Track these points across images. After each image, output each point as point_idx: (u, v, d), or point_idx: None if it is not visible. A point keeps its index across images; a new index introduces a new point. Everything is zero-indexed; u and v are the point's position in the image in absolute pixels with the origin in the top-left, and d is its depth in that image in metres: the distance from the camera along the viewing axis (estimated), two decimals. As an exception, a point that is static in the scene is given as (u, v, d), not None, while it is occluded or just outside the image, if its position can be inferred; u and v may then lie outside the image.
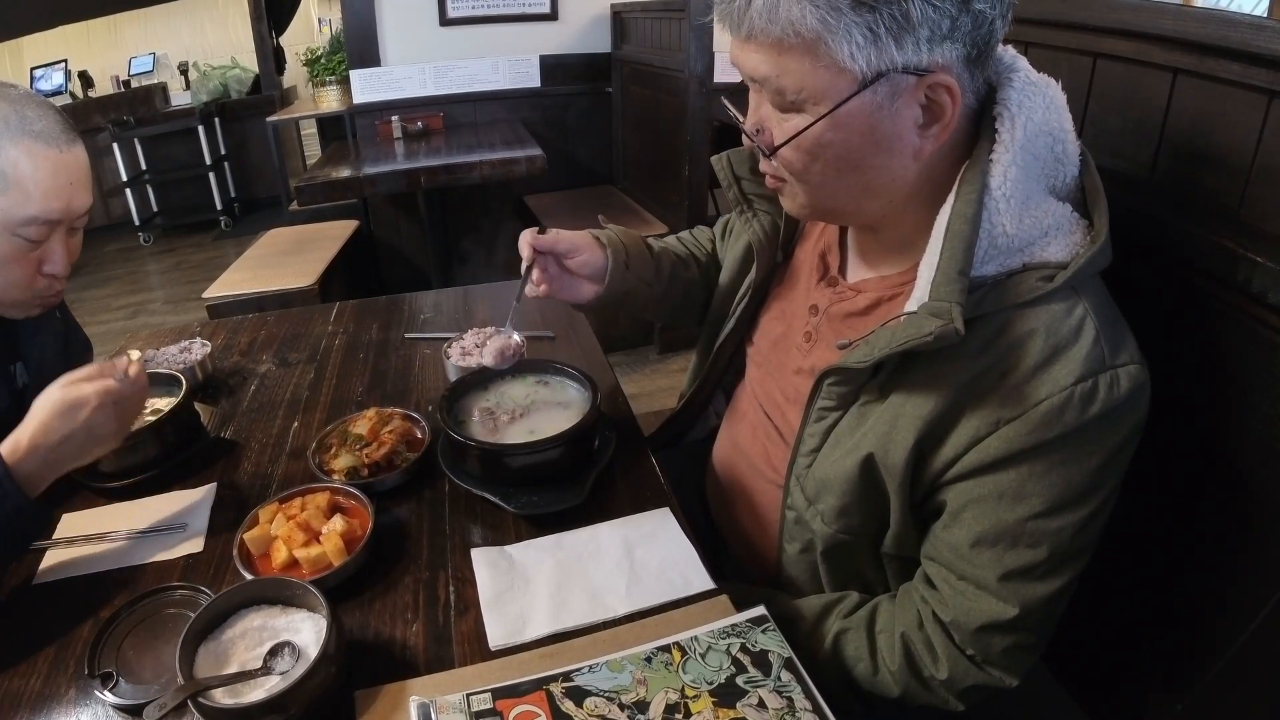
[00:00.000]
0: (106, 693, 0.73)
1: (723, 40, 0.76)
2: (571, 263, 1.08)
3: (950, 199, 0.75)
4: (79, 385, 0.84)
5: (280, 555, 0.85)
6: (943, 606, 0.80)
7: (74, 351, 1.35)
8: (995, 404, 0.72)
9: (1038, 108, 0.73)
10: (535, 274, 1.05)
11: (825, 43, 0.66)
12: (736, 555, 1.07)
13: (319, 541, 0.86)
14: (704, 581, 0.84)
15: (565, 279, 1.09)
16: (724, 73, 2.75)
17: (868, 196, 0.79)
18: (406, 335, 1.44)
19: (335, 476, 0.98)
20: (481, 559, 0.88)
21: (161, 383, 1.15)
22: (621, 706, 0.68)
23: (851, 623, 0.85)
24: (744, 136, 0.82)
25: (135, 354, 1.13)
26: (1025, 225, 0.73)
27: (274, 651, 0.71)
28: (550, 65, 3.55)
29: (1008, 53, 0.77)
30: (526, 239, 1.05)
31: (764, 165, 0.82)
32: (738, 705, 0.68)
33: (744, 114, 0.80)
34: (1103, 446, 0.72)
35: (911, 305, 0.74)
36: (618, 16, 3.50)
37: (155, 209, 5.68)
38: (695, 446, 1.25)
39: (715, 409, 1.27)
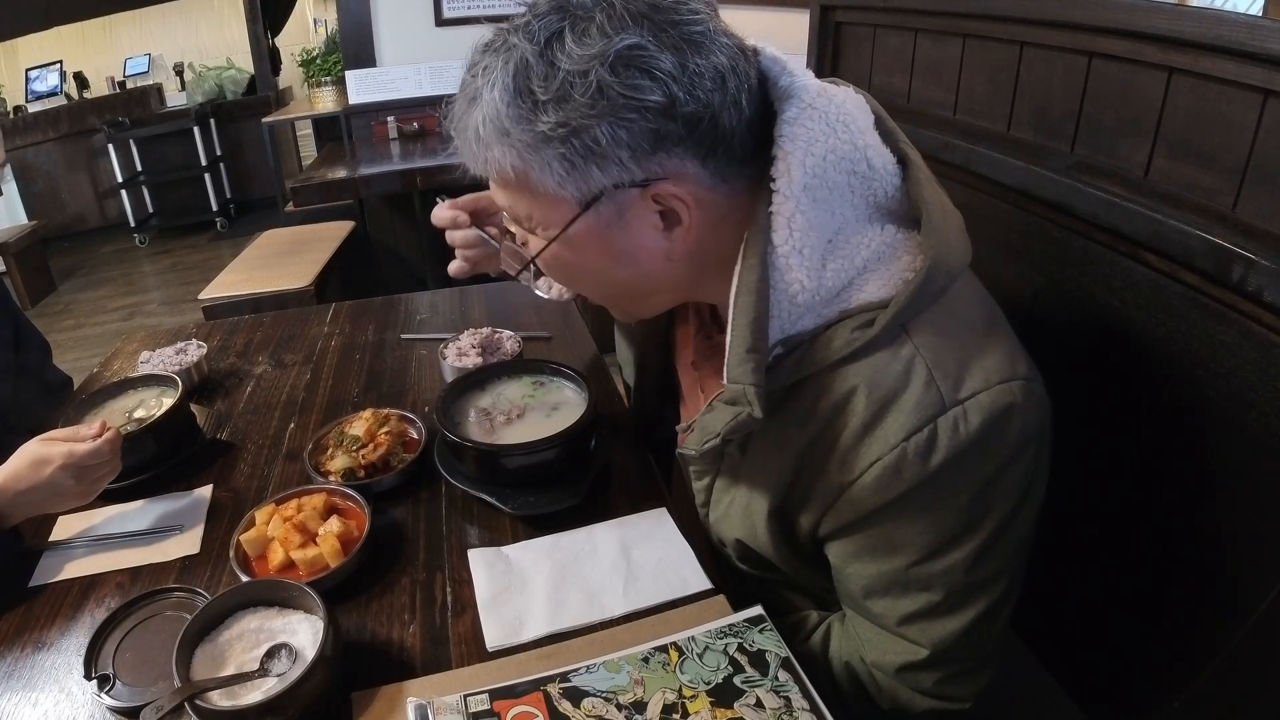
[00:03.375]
0: (104, 695, 0.73)
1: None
2: (497, 219, 1.01)
3: (737, 268, 0.69)
4: (51, 443, 0.89)
5: (277, 557, 0.85)
6: (864, 648, 0.80)
7: (26, 349, 1.34)
8: (834, 470, 0.70)
9: (818, 135, 0.67)
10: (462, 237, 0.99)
11: (531, 177, 0.66)
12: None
13: (315, 543, 0.86)
14: (701, 581, 0.84)
15: (487, 250, 1.02)
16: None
17: (642, 295, 0.78)
18: (403, 336, 1.43)
19: (331, 478, 0.98)
20: (478, 560, 0.88)
21: (157, 384, 1.15)
22: (619, 707, 0.68)
23: (808, 648, 0.85)
24: (503, 257, 0.82)
25: (113, 420, 1.08)
26: (833, 270, 0.68)
27: (271, 653, 0.71)
28: (546, 65, 3.54)
29: (785, 73, 0.69)
30: (444, 208, 0.99)
31: (523, 279, 0.81)
32: (735, 705, 0.68)
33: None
34: (967, 485, 0.67)
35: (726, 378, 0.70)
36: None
37: (151, 210, 5.67)
38: (666, 445, 1.22)
39: (664, 414, 1.21)
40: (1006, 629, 0.79)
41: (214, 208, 5.63)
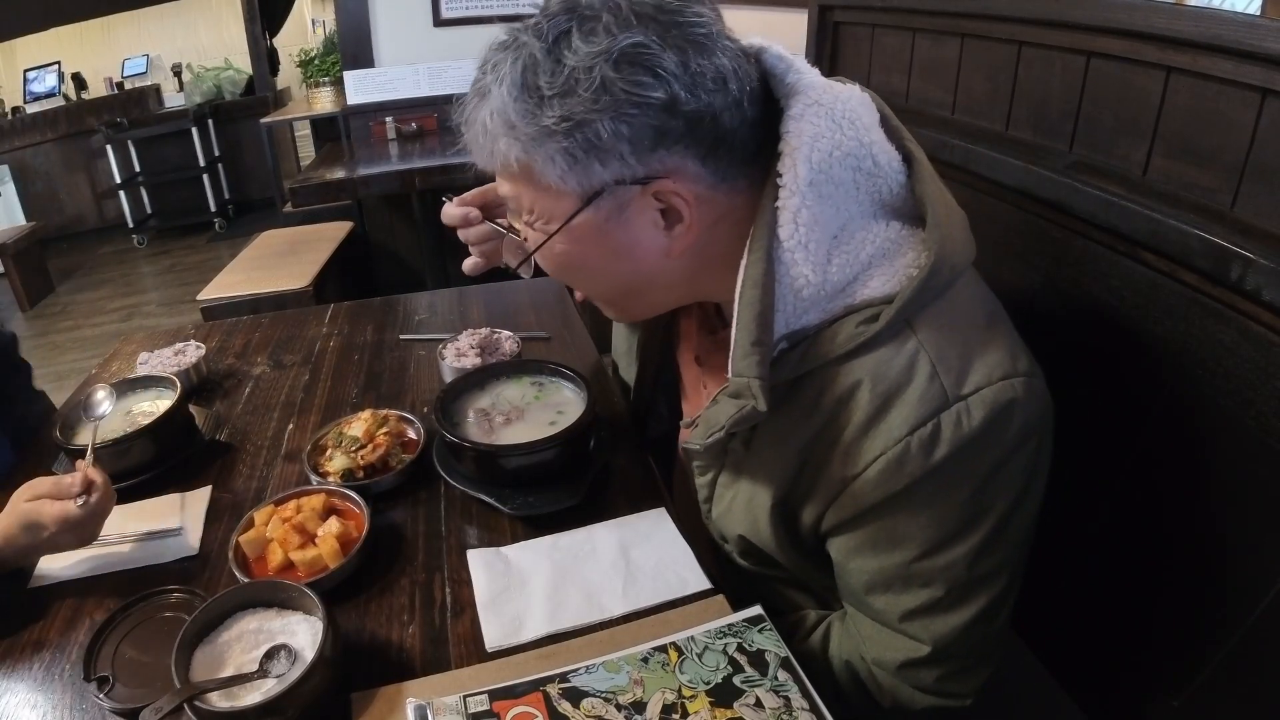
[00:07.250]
0: (102, 697, 0.73)
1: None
2: (505, 210, 1.01)
3: (743, 263, 0.69)
4: (41, 505, 0.83)
5: (276, 558, 0.85)
6: (865, 645, 0.80)
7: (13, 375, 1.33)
8: (837, 464, 0.70)
9: (823, 131, 0.67)
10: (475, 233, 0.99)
11: (534, 170, 0.68)
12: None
13: (314, 544, 0.86)
14: (700, 581, 0.84)
15: (500, 243, 1.02)
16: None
17: (639, 293, 0.78)
18: (401, 337, 1.43)
19: (330, 479, 0.98)
20: (477, 560, 0.88)
21: (156, 386, 1.15)
22: (618, 707, 0.68)
23: (808, 646, 0.85)
24: (504, 249, 0.83)
25: (87, 462, 0.92)
26: (838, 265, 0.68)
27: (270, 654, 0.71)
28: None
29: (791, 70, 0.70)
30: (453, 206, 0.98)
31: (522, 272, 0.82)
32: (735, 705, 0.68)
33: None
34: (969, 479, 0.68)
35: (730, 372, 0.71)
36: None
37: (149, 211, 5.67)
38: (659, 444, 1.22)
39: (659, 410, 1.20)
40: (1006, 626, 0.79)
41: (212, 208, 5.63)
